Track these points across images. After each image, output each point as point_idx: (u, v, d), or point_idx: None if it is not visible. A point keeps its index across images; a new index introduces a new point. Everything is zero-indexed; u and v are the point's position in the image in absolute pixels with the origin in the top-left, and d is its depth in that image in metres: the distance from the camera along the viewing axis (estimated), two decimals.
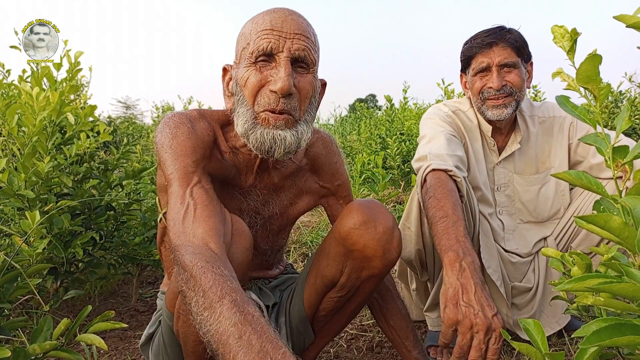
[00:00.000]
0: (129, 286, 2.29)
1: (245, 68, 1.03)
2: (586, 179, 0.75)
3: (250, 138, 1.03)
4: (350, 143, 6.24)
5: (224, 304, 0.77)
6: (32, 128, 1.63)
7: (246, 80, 1.02)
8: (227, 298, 0.78)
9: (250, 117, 1.02)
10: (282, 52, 0.99)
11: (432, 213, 1.23)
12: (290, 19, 1.02)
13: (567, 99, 0.79)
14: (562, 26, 0.78)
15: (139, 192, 2.09)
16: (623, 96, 5.34)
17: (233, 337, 0.73)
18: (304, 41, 1.01)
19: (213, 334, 0.75)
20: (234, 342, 0.72)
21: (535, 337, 0.75)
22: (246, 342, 0.72)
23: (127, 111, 10.38)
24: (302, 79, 1.03)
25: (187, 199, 0.96)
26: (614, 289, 0.54)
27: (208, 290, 0.79)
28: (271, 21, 1.01)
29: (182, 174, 1.00)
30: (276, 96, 1.00)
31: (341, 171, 1.34)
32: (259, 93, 1.01)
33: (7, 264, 1.15)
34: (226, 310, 0.76)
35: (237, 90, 1.05)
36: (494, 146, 1.64)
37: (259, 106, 1.02)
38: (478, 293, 1.01)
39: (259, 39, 1.00)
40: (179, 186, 0.98)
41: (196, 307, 0.80)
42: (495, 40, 1.49)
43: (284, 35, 0.99)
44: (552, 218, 1.66)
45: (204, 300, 0.79)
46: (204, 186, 1.00)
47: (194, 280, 0.82)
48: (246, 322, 0.74)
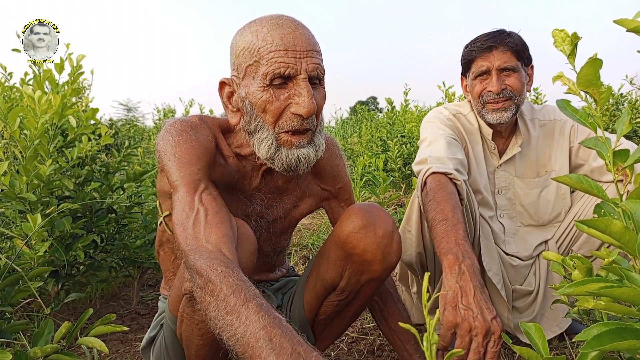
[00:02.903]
0: (130, 289, 2.29)
1: (259, 91, 1.00)
2: (587, 183, 0.75)
3: (276, 161, 1.04)
4: (351, 145, 6.25)
5: (249, 308, 0.76)
6: (34, 131, 1.63)
7: (265, 105, 1.00)
8: (252, 302, 0.77)
9: (274, 141, 1.03)
10: (300, 75, 0.98)
11: (432, 216, 1.23)
12: (299, 33, 1.00)
13: (567, 103, 0.79)
14: (563, 30, 0.78)
15: (140, 195, 2.09)
16: (624, 99, 5.34)
17: (263, 339, 0.72)
18: (316, 57, 1.01)
19: (239, 338, 0.74)
20: (265, 345, 0.71)
21: (536, 340, 0.75)
22: (277, 345, 0.71)
23: (128, 113, 10.38)
24: (318, 95, 1.03)
25: (197, 204, 0.96)
26: (614, 294, 0.54)
27: (231, 294, 0.79)
28: (282, 39, 0.98)
29: (189, 180, 0.99)
30: (300, 119, 1.00)
31: (343, 174, 1.34)
32: (280, 117, 1.01)
33: (9, 266, 1.15)
34: (253, 314, 0.75)
35: (249, 110, 1.03)
36: (495, 149, 1.64)
37: (281, 128, 1.02)
38: (477, 296, 1.01)
39: (274, 61, 0.97)
40: (186, 193, 0.98)
41: (216, 312, 0.79)
42: (495, 44, 1.50)
43: (298, 55, 0.98)
44: (553, 221, 1.66)
45: (226, 304, 0.78)
46: (211, 193, 1.00)
47: (212, 284, 0.81)
48: (275, 325, 0.74)
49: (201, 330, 1.01)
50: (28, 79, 2.29)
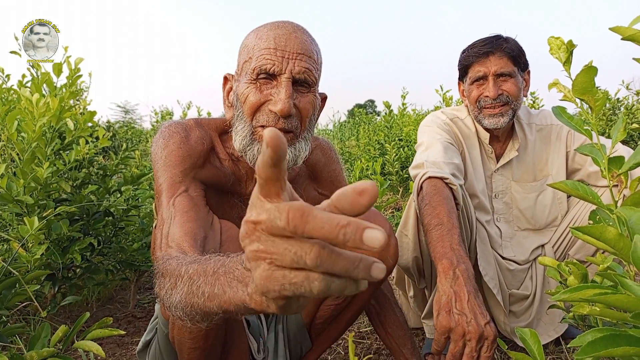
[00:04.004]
0: (126, 292, 2.29)
1: (246, 84, 1.02)
2: (582, 190, 0.75)
3: (248, 154, 1.04)
4: (348, 149, 6.26)
5: (182, 269, 0.68)
6: (31, 134, 1.63)
7: (246, 97, 1.01)
8: (186, 264, 0.69)
9: (248, 134, 1.03)
10: (284, 74, 0.99)
11: (428, 220, 1.23)
12: (294, 36, 1.01)
13: (563, 109, 0.80)
14: (559, 38, 0.79)
15: (137, 198, 2.09)
16: (620, 103, 5.37)
17: (194, 284, 0.63)
18: (306, 62, 1.01)
19: (180, 299, 0.66)
20: (195, 287, 0.62)
21: (532, 346, 0.75)
22: (203, 277, 0.62)
23: (125, 116, 10.38)
24: (303, 99, 1.03)
25: (170, 209, 0.97)
26: (608, 300, 0.55)
27: (173, 271, 0.72)
28: (275, 39, 1.00)
29: (169, 184, 1.01)
30: (276, 116, 1.00)
31: (340, 179, 1.34)
32: (258, 110, 1.01)
33: (5, 269, 1.15)
34: (184, 272, 0.67)
35: (237, 104, 1.05)
36: (492, 153, 1.65)
37: (257, 122, 1.02)
38: (471, 301, 1.01)
39: (262, 57, 0.99)
40: (165, 197, 0.99)
41: (167, 295, 0.71)
42: (491, 49, 1.50)
43: (286, 55, 0.99)
44: (550, 225, 1.67)
45: (169, 282, 0.71)
46: (190, 194, 1.00)
47: (162, 277, 0.76)
48: (200, 265, 0.65)
49: (192, 333, 1.01)
50: (26, 81, 2.28)
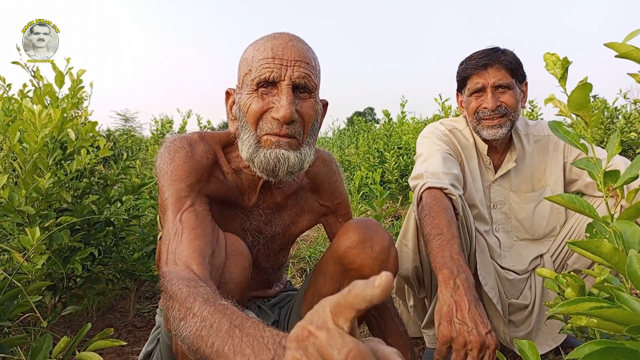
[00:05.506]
0: (126, 301, 2.29)
1: (247, 95, 1.04)
2: (579, 203, 0.77)
3: (255, 161, 1.04)
4: (348, 157, 6.27)
5: (195, 305, 0.74)
6: (33, 145, 1.64)
7: (248, 107, 1.03)
8: (199, 299, 0.75)
9: (254, 142, 1.04)
10: (284, 81, 1.00)
11: (427, 231, 1.24)
12: (291, 45, 1.03)
13: (559, 124, 0.81)
14: (554, 54, 0.81)
15: (138, 208, 2.10)
16: (618, 112, 5.40)
17: (205, 328, 0.69)
18: (305, 68, 1.02)
19: (188, 336, 0.71)
20: (206, 333, 0.68)
21: (530, 358, 0.76)
22: (217, 326, 0.68)
23: (126, 124, 10.39)
24: (304, 104, 1.04)
25: (177, 224, 0.98)
26: (604, 314, 0.56)
27: (184, 301, 0.77)
28: (272, 49, 1.02)
29: (175, 199, 1.02)
30: (279, 123, 1.01)
31: (340, 190, 1.35)
32: (261, 119, 1.03)
33: (9, 282, 1.16)
34: (198, 309, 0.73)
35: (240, 116, 1.07)
36: (490, 164, 1.66)
37: (262, 130, 1.03)
38: (472, 310, 1.02)
39: (261, 67, 1.01)
40: (172, 212, 1.00)
41: (175, 323, 0.77)
42: (489, 61, 1.52)
43: (285, 63, 1.01)
44: (548, 236, 1.68)
45: (179, 311, 0.76)
46: (196, 209, 1.01)
47: (172, 300, 0.80)
48: (217, 311, 0.71)
49: None
50: (27, 90, 2.30)
